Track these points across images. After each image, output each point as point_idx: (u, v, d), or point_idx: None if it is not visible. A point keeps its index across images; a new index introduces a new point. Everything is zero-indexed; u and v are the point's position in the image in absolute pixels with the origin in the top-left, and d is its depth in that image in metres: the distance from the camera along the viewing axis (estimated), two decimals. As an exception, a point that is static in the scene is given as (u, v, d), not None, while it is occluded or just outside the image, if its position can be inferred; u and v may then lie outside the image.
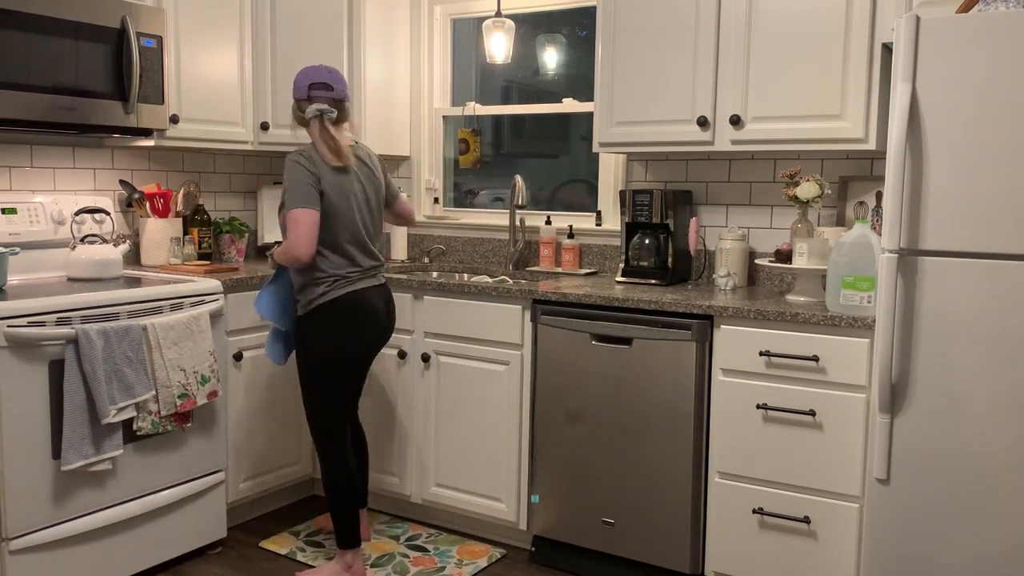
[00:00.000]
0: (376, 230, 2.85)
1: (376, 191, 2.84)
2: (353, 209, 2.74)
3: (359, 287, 2.75)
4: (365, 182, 2.79)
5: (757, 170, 3.22)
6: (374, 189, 2.83)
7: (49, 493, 2.57)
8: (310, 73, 2.76)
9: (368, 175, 2.82)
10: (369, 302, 2.78)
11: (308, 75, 2.76)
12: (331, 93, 2.76)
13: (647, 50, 3.04)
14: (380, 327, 2.83)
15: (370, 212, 2.81)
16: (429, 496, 3.30)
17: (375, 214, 2.84)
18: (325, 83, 2.76)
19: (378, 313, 2.80)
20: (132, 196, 3.42)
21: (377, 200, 2.85)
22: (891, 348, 2.26)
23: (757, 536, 2.65)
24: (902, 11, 2.59)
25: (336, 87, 2.77)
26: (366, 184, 2.80)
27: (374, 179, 2.84)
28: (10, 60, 2.72)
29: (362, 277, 2.77)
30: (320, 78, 2.76)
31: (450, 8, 3.95)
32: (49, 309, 2.54)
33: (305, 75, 2.76)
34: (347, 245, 2.73)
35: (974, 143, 2.16)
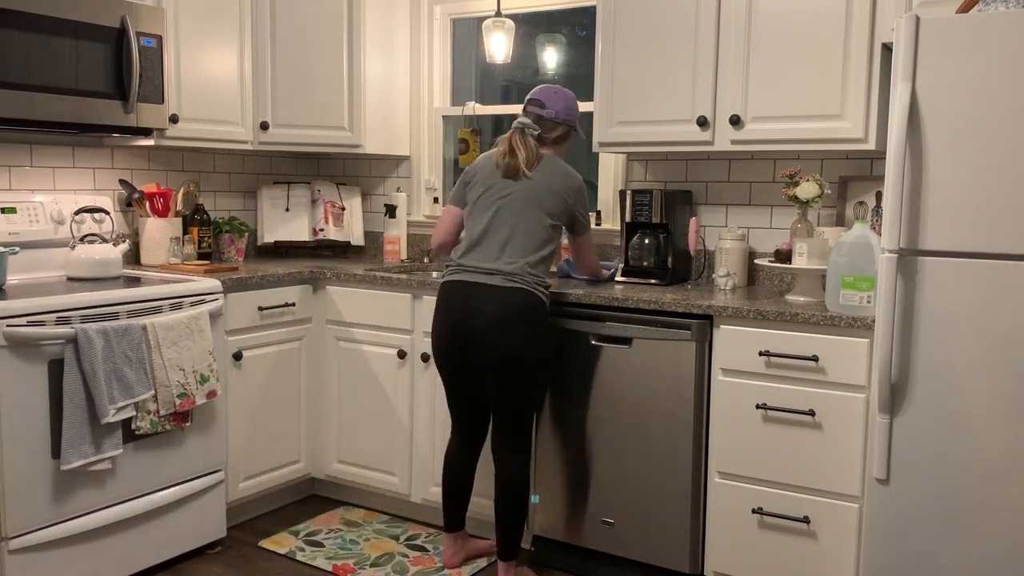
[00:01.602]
0: (518, 239, 2.71)
1: (539, 206, 2.73)
2: (493, 211, 2.74)
3: (456, 278, 2.74)
4: (528, 194, 2.73)
5: (757, 170, 3.22)
6: (536, 202, 2.73)
7: (48, 492, 2.57)
8: (535, 90, 2.88)
9: (536, 189, 2.74)
10: (459, 296, 2.70)
11: (534, 91, 2.88)
12: (541, 111, 2.83)
13: (647, 50, 3.04)
14: (463, 321, 2.68)
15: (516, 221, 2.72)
16: (429, 496, 3.30)
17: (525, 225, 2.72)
18: (539, 100, 2.83)
19: (462, 307, 2.68)
20: (132, 196, 3.42)
21: (533, 213, 2.73)
22: (891, 348, 2.26)
23: (757, 536, 2.65)
24: (902, 11, 2.59)
25: (551, 107, 2.82)
26: (528, 196, 2.73)
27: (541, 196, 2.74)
28: (10, 60, 2.72)
29: (466, 270, 2.72)
30: (536, 95, 2.85)
31: (450, 8, 3.95)
32: (49, 309, 2.54)
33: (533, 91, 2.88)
34: (474, 242, 2.76)
35: (974, 143, 2.16)
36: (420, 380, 3.27)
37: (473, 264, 2.72)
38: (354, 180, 4.21)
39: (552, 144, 2.85)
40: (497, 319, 2.63)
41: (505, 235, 2.71)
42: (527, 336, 2.65)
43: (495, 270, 2.68)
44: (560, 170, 2.80)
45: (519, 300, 2.65)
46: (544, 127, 2.82)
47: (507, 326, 2.63)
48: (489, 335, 2.64)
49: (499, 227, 2.73)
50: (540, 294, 2.69)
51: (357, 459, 3.46)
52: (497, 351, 2.65)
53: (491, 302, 2.65)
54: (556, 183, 2.77)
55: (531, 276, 2.68)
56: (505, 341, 2.64)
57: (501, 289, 2.65)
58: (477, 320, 2.65)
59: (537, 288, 2.68)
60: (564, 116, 2.83)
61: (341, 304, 3.43)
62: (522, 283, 2.66)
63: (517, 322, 2.64)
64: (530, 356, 2.67)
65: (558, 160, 2.83)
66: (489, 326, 2.64)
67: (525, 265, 2.68)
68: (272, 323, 3.32)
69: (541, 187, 2.75)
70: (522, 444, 2.78)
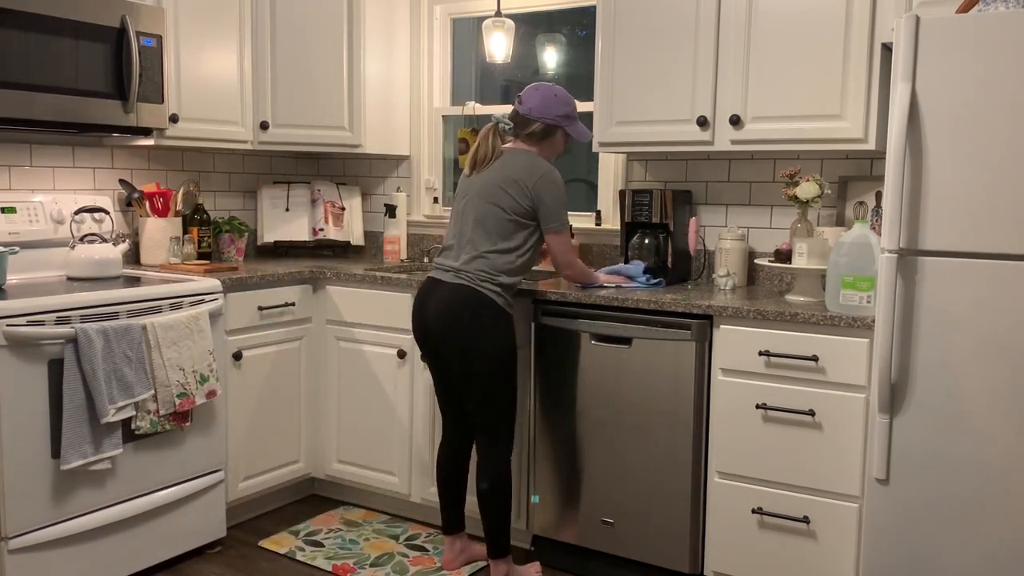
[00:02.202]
0: (475, 236, 2.72)
1: (494, 201, 2.71)
2: (459, 211, 2.79)
3: (427, 275, 2.82)
4: (483, 190, 2.73)
5: (757, 170, 3.22)
6: (491, 197, 2.71)
7: (48, 492, 2.57)
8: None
9: (491, 184, 2.72)
10: (421, 291, 2.80)
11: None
12: (518, 106, 2.81)
13: (647, 50, 3.04)
14: (421, 319, 2.78)
15: (473, 217, 2.73)
16: (428, 495, 3.30)
17: (481, 221, 2.72)
18: (519, 96, 2.82)
19: (421, 305, 2.78)
20: (132, 195, 3.42)
21: (488, 208, 2.71)
22: (890, 348, 2.26)
23: (756, 536, 2.65)
24: (902, 11, 2.59)
25: (525, 103, 2.79)
26: (483, 192, 2.73)
27: (496, 190, 2.71)
28: (10, 59, 2.72)
29: (435, 268, 2.80)
30: (522, 92, 2.83)
31: (450, 8, 3.95)
32: (48, 308, 2.54)
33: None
34: (446, 240, 2.83)
35: (974, 143, 2.16)
36: (420, 380, 3.27)
37: (439, 262, 2.79)
38: (354, 180, 4.21)
39: (528, 140, 2.80)
40: (441, 315, 2.70)
41: (465, 233, 2.75)
42: (470, 331, 2.67)
43: (450, 267, 2.74)
44: (520, 163, 2.73)
45: (463, 296, 2.67)
46: (518, 123, 2.80)
47: (448, 321, 2.69)
48: (436, 331, 2.73)
49: (462, 225, 2.77)
50: (486, 290, 2.67)
51: (357, 459, 3.46)
52: (445, 346, 2.72)
53: (438, 298, 2.72)
54: (512, 175, 2.71)
55: (479, 272, 2.68)
56: (449, 336, 2.69)
57: (447, 286, 2.71)
58: (428, 317, 2.74)
59: (482, 285, 2.67)
60: (538, 112, 2.77)
61: (341, 304, 3.43)
62: (467, 279, 2.68)
63: (459, 318, 2.67)
64: (475, 350, 2.67)
65: (523, 153, 2.76)
66: (435, 322, 2.72)
67: (477, 261, 2.70)
68: (272, 323, 3.32)
69: (496, 181, 2.72)
70: (494, 440, 2.76)
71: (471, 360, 2.68)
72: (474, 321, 2.67)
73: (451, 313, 2.68)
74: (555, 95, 2.80)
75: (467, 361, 2.68)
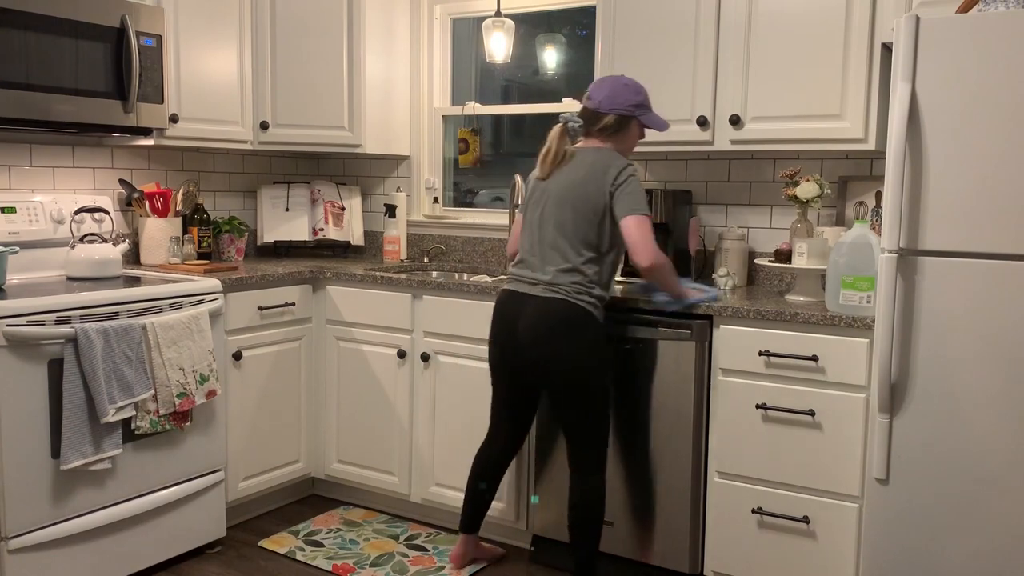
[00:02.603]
0: (558, 244, 2.57)
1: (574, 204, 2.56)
2: (535, 218, 2.64)
3: (506, 287, 2.67)
4: (561, 193, 2.59)
5: (757, 170, 3.22)
6: (570, 201, 2.57)
7: (48, 492, 2.57)
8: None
9: (568, 187, 2.58)
10: (505, 307, 2.64)
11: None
12: (587, 102, 2.66)
13: (647, 50, 3.04)
14: (508, 335, 2.61)
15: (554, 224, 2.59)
16: (429, 495, 3.30)
17: (563, 227, 2.57)
18: (587, 92, 2.66)
19: (508, 321, 2.62)
20: (132, 195, 3.42)
21: (569, 213, 2.56)
22: (890, 348, 2.26)
23: (756, 536, 2.65)
24: (902, 11, 2.59)
25: (593, 97, 2.64)
26: (562, 196, 2.58)
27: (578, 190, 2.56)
28: (10, 59, 2.72)
29: (514, 280, 2.66)
30: (591, 86, 2.69)
31: (450, 8, 3.95)
32: (48, 308, 2.54)
33: None
34: (524, 249, 2.67)
35: (974, 143, 2.16)
36: (420, 380, 3.27)
37: (520, 273, 2.65)
38: (354, 180, 4.21)
39: (601, 136, 2.64)
40: (536, 330, 2.54)
41: (546, 240, 2.60)
42: (568, 347, 2.52)
43: (536, 279, 2.59)
44: (596, 159, 2.59)
45: (559, 310, 2.52)
46: (588, 119, 2.65)
47: (546, 337, 2.53)
48: (530, 347, 2.56)
49: (540, 232, 2.62)
50: (582, 302, 2.53)
51: (357, 459, 3.46)
52: (539, 363, 2.56)
53: (531, 313, 2.56)
54: (589, 173, 2.56)
55: (573, 284, 2.54)
56: (545, 353, 2.54)
57: (540, 300, 2.55)
58: (519, 331, 2.58)
59: (578, 297, 2.53)
60: (608, 104, 2.61)
61: (341, 304, 3.43)
62: (562, 292, 2.53)
63: (556, 333, 2.52)
64: (573, 367, 2.53)
65: (596, 150, 2.62)
66: (529, 338, 2.56)
67: (569, 272, 2.55)
68: (272, 323, 3.32)
69: (574, 182, 2.57)
70: (588, 464, 2.62)
71: (567, 376, 2.54)
72: (576, 336, 2.52)
73: (550, 329, 2.53)
74: (624, 84, 2.65)
75: (562, 377, 2.55)
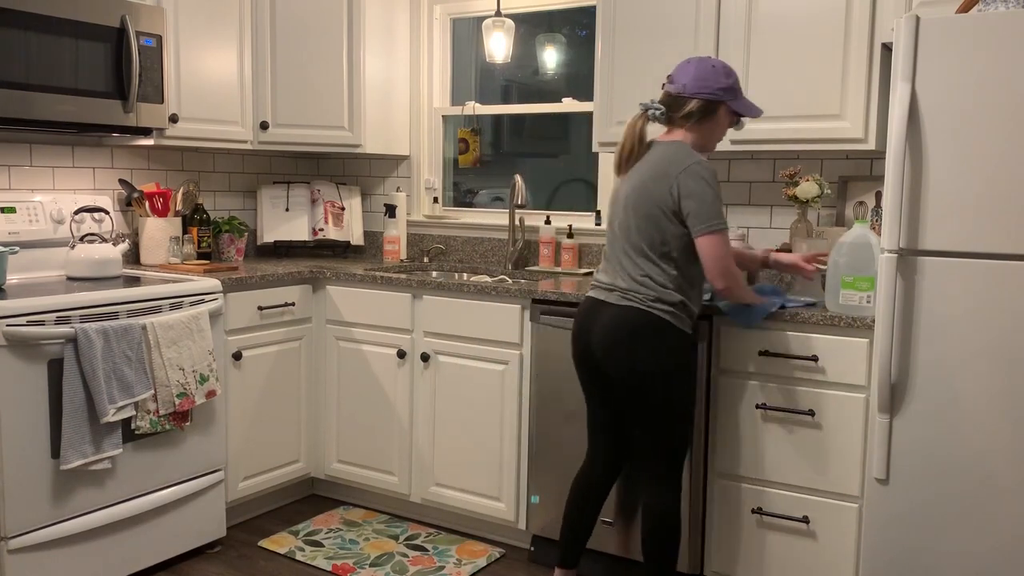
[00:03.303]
0: (632, 248, 2.40)
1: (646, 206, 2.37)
2: (613, 220, 2.48)
3: (587, 294, 2.53)
4: (632, 194, 2.41)
5: (757, 170, 3.22)
6: (643, 202, 2.38)
7: (48, 492, 2.56)
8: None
9: (638, 186, 2.40)
10: (582, 316, 2.50)
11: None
12: (669, 86, 2.42)
13: (647, 49, 3.04)
14: (584, 344, 2.48)
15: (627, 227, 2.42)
16: (428, 495, 3.30)
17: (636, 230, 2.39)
18: (670, 75, 2.42)
19: (585, 329, 2.48)
20: (131, 195, 3.42)
21: (641, 215, 2.38)
22: (890, 348, 2.26)
23: (756, 536, 2.65)
24: (902, 11, 2.59)
25: (677, 80, 2.39)
26: (633, 196, 2.40)
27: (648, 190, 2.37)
28: (10, 59, 2.72)
29: (594, 286, 2.51)
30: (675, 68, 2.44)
31: (450, 8, 3.95)
32: (48, 308, 2.54)
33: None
34: (604, 253, 2.55)
35: (974, 143, 2.16)
36: (420, 380, 3.27)
37: (598, 280, 2.51)
38: (354, 180, 4.21)
39: (685, 124, 2.41)
40: (608, 339, 2.40)
41: (619, 245, 2.44)
42: (639, 356, 2.37)
43: (612, 286, 2.43)
44: (665, 155, 2.38)
45: (631, 318, 2.37)
46: (670, 105, 2.41)
47: (617, 346, 2.39)
48: (602, 355, 2.43)
49: (615, 235, 2.47)
50: (657, 310, 2.35)
51: (357, 459, 3.46)
52: (612, 372, 2.42)
53: (604, 323, 2.42)
54: (659, 171, 2.36)
55: (646, 291, 2.36)
56: (616, 362, 2.40)
57: (613, 308, 2.40)
58: (593, 339, 2.45)
59: (653, 305, 2.35)
60: (694, 87, 2.37)
61: (341, 304, 3.43)
62: (636, 300, 2.37)
63: (627, 342, 2.37)
64: (644, 377, 2.37)
65: (670, 144, 2.41)
66: (602, 346, 2.42)
67: (641, 279, 2.38)
68: (272, 323, 3.32)
69: (644, 181, 2.38)
70: (660, 477, 2.46)
71: (639, 385, 2.39)
72: (648, 345, 2.36)
73: (622, 338, 2.38)
74: (712, 66, 2.40)
75: (634, 387, 2.40)
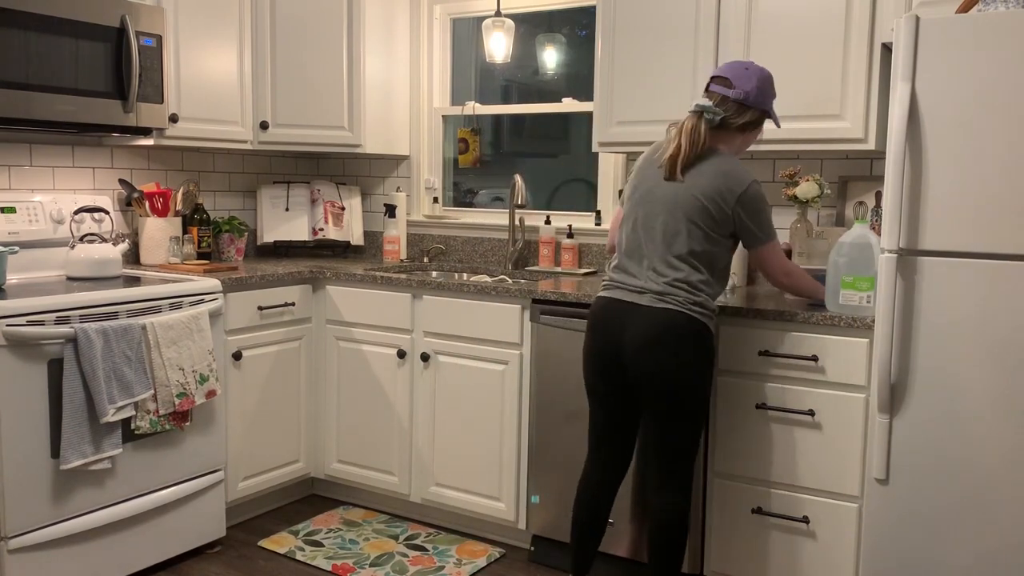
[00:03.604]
0: (669, 251, 2.37)
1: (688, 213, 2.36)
2: (645, 216, 2.41)
3: (606, 294, 2.45)
4: (676, 199, 2.37)
5: (757, 170, 3.22)
6: (685, 208, 2.36)
7: (48, 492, 2.56)
8: (721, 66, 2.46)
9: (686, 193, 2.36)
10: (608, 316, 2.42)
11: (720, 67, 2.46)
12: (727, 90, 2.38)
13: (647, 49, 3.04)
14: (612, 345, 2.40)
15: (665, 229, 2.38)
16: (428, 495, 3.30)
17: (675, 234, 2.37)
18: (725, 78, 2.40)
19: (612, 332, 2.40)
20: (131, 195, 3.42)
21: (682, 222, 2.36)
22: (890, 348, 2.26)
23: (756, 536, 2.65)
24: (902, 11, 2.59)
25: (739, 85, 2.37)
26: (677, 201, 2.37)
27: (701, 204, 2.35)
28: (9, 59, 2.72)
29: (617, 286, 2.44)
30: (722, 71, 2.42)
31: (450, 8, 3.95)
32: (48, 308, 2.54)
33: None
34: (625, 252, 2.46)
35: (974, 143, 2.16)
36: (420, 380, 3.27)
37: (622, 280, 2.44)
38: (354, 180, 4.21)
39: (738, 131, 2.42)
40: (643, 342, 2.34)
41: (656, 247, 2.39)
42: (675, 360, 2.34)
43: (644, 288, 2.38)
44: (720, 171, 2.36)
45: (667, 321, 2.33)
46: (730, 110, 2.39)
47: (653, 349, 2.34)
48: (636, 358, 2.36)
49: (648, 236, 2.41)
50: (694, 313, 2.34)
51: (357, 459, 3.46)
52: (643, 376, 2.37)
53: (638, 323, 2.36)
54: (710, 187, 2.35)
55: (684, 295, 2.35)
56: (650, 366, 2.35)
57: (650, 311, 2.35)
58: (625, 342, 2.38)
59: (691, 308, 2.34)
60: (756, 99, 2.38)
61: (341, 304, 3.43)
62: (673, 303, 2.34)
63: (664, 345, 2.33)
64: (679, 382, 2.35)
65: (724, 158, 2.39)
66: (636, 349, 2.36)
67: (676, 282, 2.35)
68: (272, 323, 3.32)
69: (698, 193, 2.35)
70: (676, 483, 2.44)
71: (672, 390, 2.35)
72: (685, 349, 2.34)
73: (658, 341, 2.33)
74: (768, 77, 2.43)
75: (666, 391, 2.36)
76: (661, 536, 2.45)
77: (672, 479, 2.44)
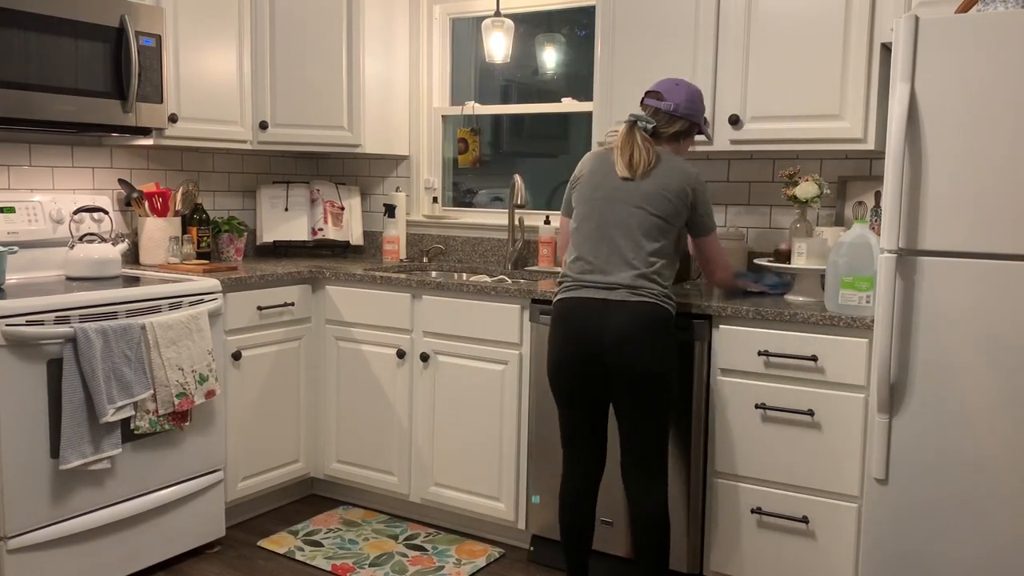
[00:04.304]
0: (635, 247, 2.45)
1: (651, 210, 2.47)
2: (606, 218, 2.49)
3: (574, 295, 2.49)
4: (650, 197, 2.47)
5: (756, 170, 3.22)
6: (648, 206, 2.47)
7: (48, 492, 2.56)
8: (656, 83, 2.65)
9: (649, 191, 2.48)
10: (582, 314, 2.45)
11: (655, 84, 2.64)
12: (658, 103, 2.58)
13: (646, 49, 3.04)
14: (589, 348, 2.44)
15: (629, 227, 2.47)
16: (428, 495, 3.30)
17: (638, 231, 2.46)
18: (657, 92, 2.60)
19: (590, 330, 2.43)
20: (131, 195, 3.42)
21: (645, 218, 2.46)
22: (890, 348, 2.26)
23: (756, 536, 2.65)
24: (901, 11, 2.59)
25: (669, 98, 2.57)
26: (640, 199, 2.47)
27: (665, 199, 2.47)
28: (9, 59, 2.72)
29: (584, 286, 2.48)
30: (655, 86, 2.62)
31: (449, 8, 3.95)
32: (48, 308, 2.54)
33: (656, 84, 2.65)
34: (588, 252, 2.51)
35: (973, 143, 2.16)
36: (419, 380, 3.27)
37: (591, 278, 2.48)
38: (353, 180, 4.21)
39: (669, 140, 2.59)
40: (625, 335, 2.40)
41: (619, 244, 2.47)
42: (657, 351, 2.41)
43: (615, 283, 2.44)
44: (673, 167, 2.51)
45: (645, 314, 2.41)
46: (661, 121, 2.57)
47: (637, 342, 2.39)
48: (619, 353, 2.41)
49: (611, 235, 2.48)
50: (667, 306, 2.45)
51: (356, 459, 3.46)
52: (628, 369, 2.41)
53: (617, 318, 2.41)
54: (672, 181, 2.49)
55: (656, 287, 2.44)
56: (635, 357, 2.40)
57: (626, 304, 2.42)
58: (605, 339, 2.42)
59: (664, 300, 2.44)
60: (685, 110, 2.57)
61: (340, 304, 3.43)
62: (648, 295, 2.42)
63: (646, 336, 2.40)
64: (660, 372, 2.42)
65: (672, 156, 2.55)
66: (618, 344, 2.40)
67: (645, 275, 2.44)
68: (271, 323, 3.32)
69: (659, 190, 2.48)
70: (657, 472, 2.51)
71: (655, 381, 2.42)
72: (663, 340, 2.43)
73: (641, 333, 2.40)
74: (698, 91, 2.64)
75: (650, 383, 2.42)
76: (652, 532, 2.50)
77: (658, 469, 2.51)
